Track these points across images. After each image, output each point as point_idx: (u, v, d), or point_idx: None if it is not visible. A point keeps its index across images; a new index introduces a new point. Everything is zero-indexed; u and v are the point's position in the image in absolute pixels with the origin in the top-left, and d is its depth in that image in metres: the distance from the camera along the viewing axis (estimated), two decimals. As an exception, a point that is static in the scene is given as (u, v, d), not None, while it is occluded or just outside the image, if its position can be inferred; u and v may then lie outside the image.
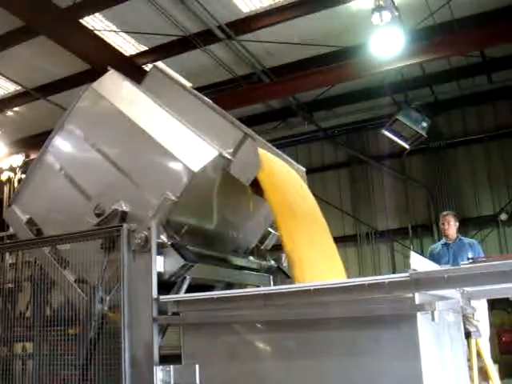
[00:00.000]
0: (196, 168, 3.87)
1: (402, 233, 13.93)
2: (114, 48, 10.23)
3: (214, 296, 3.38)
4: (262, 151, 4.27)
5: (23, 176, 12.82)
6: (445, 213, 8.66)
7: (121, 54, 10.39)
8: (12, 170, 13.05)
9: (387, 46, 9.13)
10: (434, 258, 8.16)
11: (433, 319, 2.78)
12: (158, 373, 3.47)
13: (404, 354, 2.85)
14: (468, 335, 5.03)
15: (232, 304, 3.32)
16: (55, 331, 4.11)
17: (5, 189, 12.91)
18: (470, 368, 4.90)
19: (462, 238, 8.41)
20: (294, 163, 5.03)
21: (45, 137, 13.40)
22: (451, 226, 8.25)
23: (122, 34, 9.96)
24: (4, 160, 13.20)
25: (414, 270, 2.88)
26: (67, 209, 4.56)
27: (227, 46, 10.18)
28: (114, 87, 4.67)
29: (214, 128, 4.27)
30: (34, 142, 13.43)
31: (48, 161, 4.77)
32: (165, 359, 3.60)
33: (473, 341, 5.12)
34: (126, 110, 4.38)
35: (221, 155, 4.02)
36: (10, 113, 12.60)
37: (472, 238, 10.12)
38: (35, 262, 4.45)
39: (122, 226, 3.77)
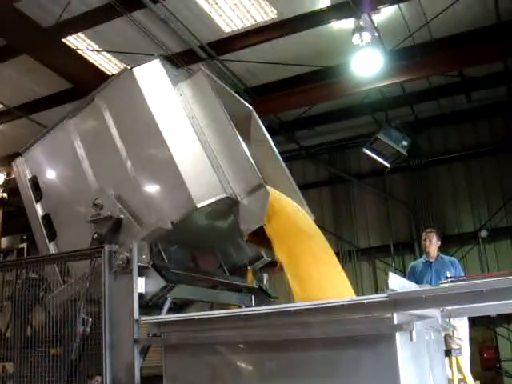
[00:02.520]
0: (199, 204, 3.81)
1: (383, 250, 14.01)
2: (96, 67, 10.24)
3: (195, 317, 3.38)
4: (275, 195, 4.24)
5: (4, 195, 12.76)
6: (428, 230, 8.69)
7: (103, 73, 10.40)
8: (-8, 188, 12.95)
9: (368, 65, 9.23)
10: (416, 275, 8.21)
11: (411, 339, 2.82)
12: (140, 394, 3.47)
13: (383, 373, 2.87)
14: (448, 353, 5.07)
15: (213, 325, 3.33)
16: (38, 352, 4.09)
17: (-13, 207, 12.81)
18: (451, 386, 4.94)
19: (443, 256, 8.47)
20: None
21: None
22: (433, 244, 8.28)
23: (104, 53, 10.00)
24: (-16, 178, 13.10)
25: (393, 290, 2.92)
26: (70, 184, 4.56)
27: (209, 65, 10.25)
28: (154, 80, 4.38)
29: (235, 161, 4.12)
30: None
31: (69, 128, 4.62)
32: (148, 380, 3.60)
33: (453, 358, 5.17)
34: (155, 110, 4.18)
35: (229, 198, 3.94)
36: (-9, 131, 12.56)
37: (453, 255, 10.23)
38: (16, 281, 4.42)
39: (103, 247, 3.78)
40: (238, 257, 5.03)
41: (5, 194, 12.84)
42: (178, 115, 4.23)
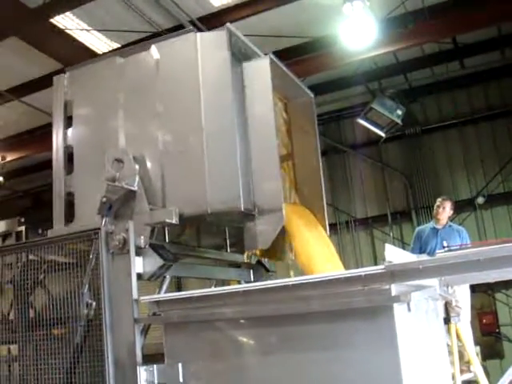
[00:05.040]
0: (212, 209, 3.75)
1: (381, 220, 14.05)
2: (86, 47, 10.13)
3: (194, 295, 3.40)
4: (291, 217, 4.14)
5: (0, 179, 12.73)
6: (444, 197, 8.66)
7: (93, 52, 10.29)
8: (-12, 172, 12.94)
9: (359, 35, 9.14)
10: (421, 240, 8.24)
11: (409, 310, 2.85)
12: (142, 373, 3.47)
13: (382, 345, 2.89)
14: (447, 320, 5.11)
15: (212, 302, 3.35)
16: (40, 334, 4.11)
17: (-18, 192, 12.80)
18: (451, 353, 4.98)
19: (452, 224, 8.47)
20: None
21: (21, 138, 13.14)
22: (445, 212, 8.28)
23: (93, 32, 9.88)
24: (-21, 163, 13.07)
25: (390, 261, 2.93)
26: (100, 128, 4.37)
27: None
28: (215, 53, 4.01)
29: (266, 174, 3.93)
30: (9, 143, 13.31)
31: (118, 67, 4.33)
32: (150, 358, 3.63)
33: (452, 326, 5.20)
34: (204, 90, 3.90)
35: (244, 210, 3.79)
36: (-17, 115, 12.49)
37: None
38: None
39: (99, 228, 3.78)
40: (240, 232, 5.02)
41: (0, 178, 12.78)
42: (226, 102, 3.93)
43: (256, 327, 3.27)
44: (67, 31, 9.55)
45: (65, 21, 9.38)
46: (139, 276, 3.72)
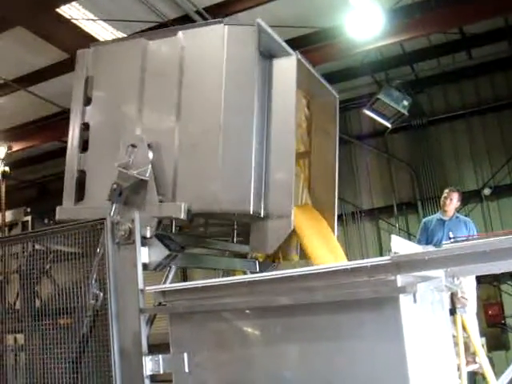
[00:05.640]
0: (221, 209, 3.72)
1: (387, 211, 14.00)
2: (92, 37, 10.08)
3: (199, 285, 3.40)
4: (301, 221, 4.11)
5: (6, 168, 12.75)
6: (451, 188, 8.61)
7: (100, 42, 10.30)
8: (-5, 162, 12.92)
9: (366, 26, 9.11)
10: (428, 231, 8.21)
11: (415, 301, 2.84)
12: (147, 363, 3.50)
13: (388, 336, 2.89)
14: (453, 311, 5.11)
15: (217, 292, 3.36)
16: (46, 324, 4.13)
17: (-11, 181, 12.80)
18: (456, 344, 4.98)
19: (459, 215, 8.43)
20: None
21: (27, 128, 13.11)
22: (452, 203, 8.24)
23: (99, 21, 9.86)
24: (-14, 153, 13.06)
25: (396, 252, 2.93)
26: (118, 110, 4.31)
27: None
28: (242, 48, 3.89)
29: (280, 177, 3.82)
30: (16, 133, 13.32)
31: (143, 48, 4.26)
32: (156, 348, 3.64)
33: (458, 317, 5.20)
34: (227, 86, 3.79)
35: (253, 213, 3.70)
36: (-10, 105, 12.50)
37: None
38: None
39: (104, 218, 3.78)
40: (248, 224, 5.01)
41: (7, 168, 12.78)
42: (247, 101, 3.81)
43: (261, 318, 3.27)
44: (73, 21, 9.51)
45: (71, 10, 9.34)
46: (145, 266, 3.74)
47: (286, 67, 3.95)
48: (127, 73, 4.33)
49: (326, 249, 4.33)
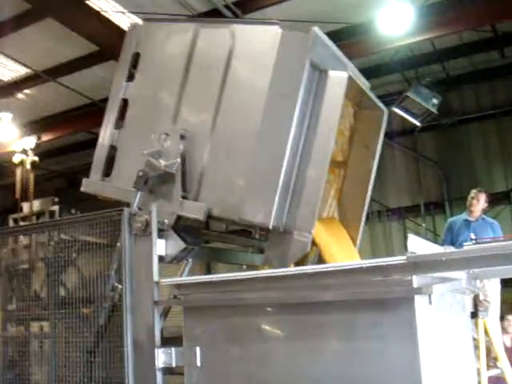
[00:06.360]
0: (241, 219, 3.63)
1: (414, 210, 13.88)
2: (121, 29, 10.13)
3: (214, 279, 3.39)
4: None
5: (36, 158, 12.88)
6: (479, 188, 8.43)
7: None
8: (24, 152, 13.05)
9: (397, 22, 9.01)
10: (453, 232, 8.06)
11: (430, 302, 2.78)
12: (160, 355, 3.50)
13: (402, 337, 2.84)
14: (475, 315, 5.00)
15: (231, 287, 3.33)
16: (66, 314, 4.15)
17: (17, 171, 12.94)
18: (477, 347, 4.88)
19: (485, 217, 8.26)
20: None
21: (56, 118, 13.24)
22: (479, 204, 8.05)
23: (129, 14, 9.90)
24: (16, 142, 13.22)
25: (413, 252, 2.87)
26: (160, 93, 4.24)
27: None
28: (294, 57, 3.69)
29: (307, 193, 3.61)
30: (45, 124, 13.48)
31: (193, 33, 4.17)
32: (170, 341, 3.64)
33: (480, 320, 5.09)
34: (270, 93, 3.65)
35: (272, 228, 3.57)
36: (21, 95, 12.63)
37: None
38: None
39: (122, 209, 3.78)
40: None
41: (36, 158, 12.93)
42: (289, 113, 3.61)
43: (274, 314, 3.25)
44: (102, 13, 9.57)
45: (100, 2, 9.40)
46: (161, 259, 3.73)
47: (336, 82, 3.71)
48: (174, 57, 4.25)
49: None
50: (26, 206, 12.31)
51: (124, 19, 10.01)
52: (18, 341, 4.42)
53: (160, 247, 3.72)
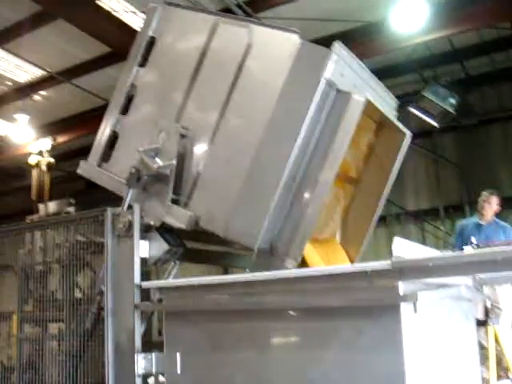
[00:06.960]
0: (226, 235, 3.52)
1: (432, 213, 13.57)
2: (134, 29, 10.09)
3: (195, 283, 3.25)
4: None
5: (51, 160, 12.92)
6: (490, 191, 8.14)
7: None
8: (40, 153, 13.12)
9: (412, 19, 8.83)
10: (464, 235, 7.83)
11: (415, 311, 2.60)
12: (140, 361, 3.40)
13: (386, 347, 2.67)
14: (484, 322, 4.80)
15: (212, 291, 3.20)
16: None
17: (33, 173, 13.00)
18: (487, 357, 4.69)
19: (498, 221, 8.00)
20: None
21: (72, 121, 13.20)
22: (491, 208, 7.80)
23: (140, 14, 9.82)
24: (32, 144, 13.28)
25: (398, 257, 2.69)
26: (170, 83, 4.16)
27: (247, 24, 9.97)
28: (310, 71, 3.53)
29: (301, 220, 3.47)
30: (61, 125, 13.51)
31: (211, 27, 4.06)
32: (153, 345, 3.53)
33: (490, 328, 4.89)
34: (280, 103, 3.51)
35: (257, 251, 3.41)
36: (37, 97, 12.67)
37: (506, 220, 9.75)
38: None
39: (106, 209, 3.68)
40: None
41: (52, 160, 12.98)
42: (295, 131, 3.44)
43: (256, 319, 3.11)
44: (114, 13, 9.52)
45: (111, 2, 9.36)
46: (145, 261, 3.61)
47: (352, 105, 3.50)
48: (188, 49, 4.16)
49: None
50: (42, 208, 12.29)
51: (136, 19, 9.96)
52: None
53: (143, 249, 3.60)
